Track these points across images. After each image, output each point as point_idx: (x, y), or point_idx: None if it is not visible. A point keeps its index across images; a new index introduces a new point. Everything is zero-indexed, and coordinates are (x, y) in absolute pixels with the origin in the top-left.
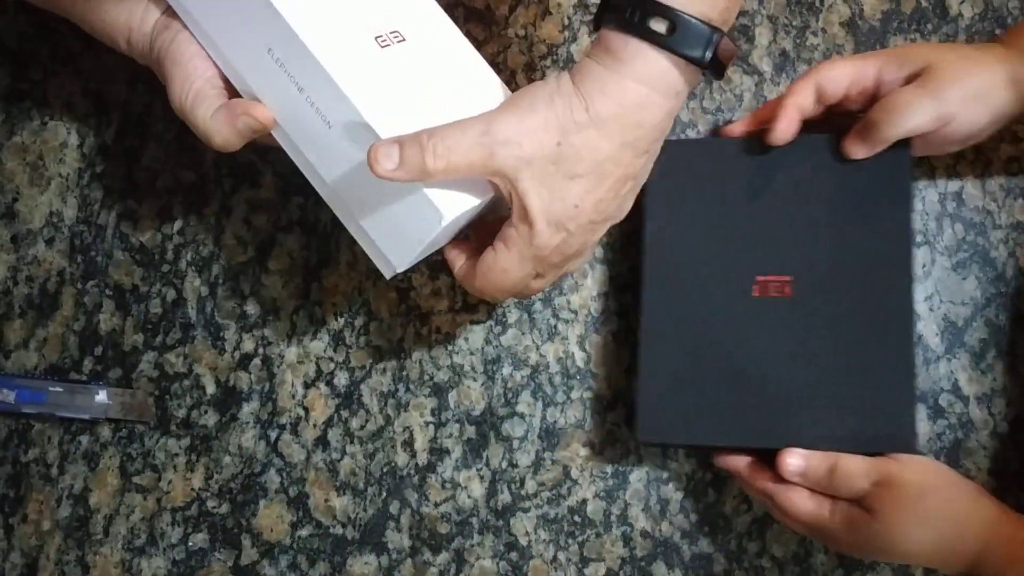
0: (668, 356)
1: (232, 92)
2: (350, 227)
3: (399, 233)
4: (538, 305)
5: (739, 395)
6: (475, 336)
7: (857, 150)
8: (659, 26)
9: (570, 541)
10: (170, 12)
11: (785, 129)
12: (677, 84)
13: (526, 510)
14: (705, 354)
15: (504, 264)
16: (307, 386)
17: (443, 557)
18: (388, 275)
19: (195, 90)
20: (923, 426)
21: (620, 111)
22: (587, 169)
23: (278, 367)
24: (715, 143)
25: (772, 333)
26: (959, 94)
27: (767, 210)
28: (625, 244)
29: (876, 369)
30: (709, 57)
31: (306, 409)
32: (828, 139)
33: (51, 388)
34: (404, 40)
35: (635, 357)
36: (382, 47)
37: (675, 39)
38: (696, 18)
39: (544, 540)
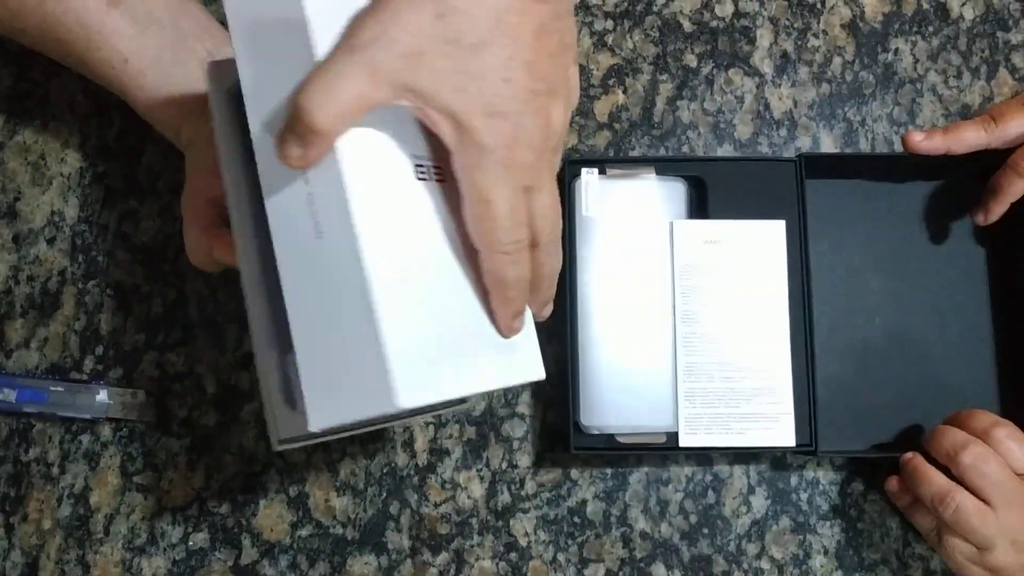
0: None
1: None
2: (261, 358)
3: (337, 387)
4: None
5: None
6: None
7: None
8: None
9: (570, 542)
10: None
11: (998, 214)
12: None
13: (526, 511)
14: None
15: (477, 193)
16: None
17: (443, 557)
18: (278, 439)
19: (195, 207)
20: None
21: None
22: (488, 31)
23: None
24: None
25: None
26: None
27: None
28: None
29: None
30: None
31: None
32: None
33: (52, 388)
34: (443, 180)
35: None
36: (418, 178)
37: None
38: None
39: (544, 541)
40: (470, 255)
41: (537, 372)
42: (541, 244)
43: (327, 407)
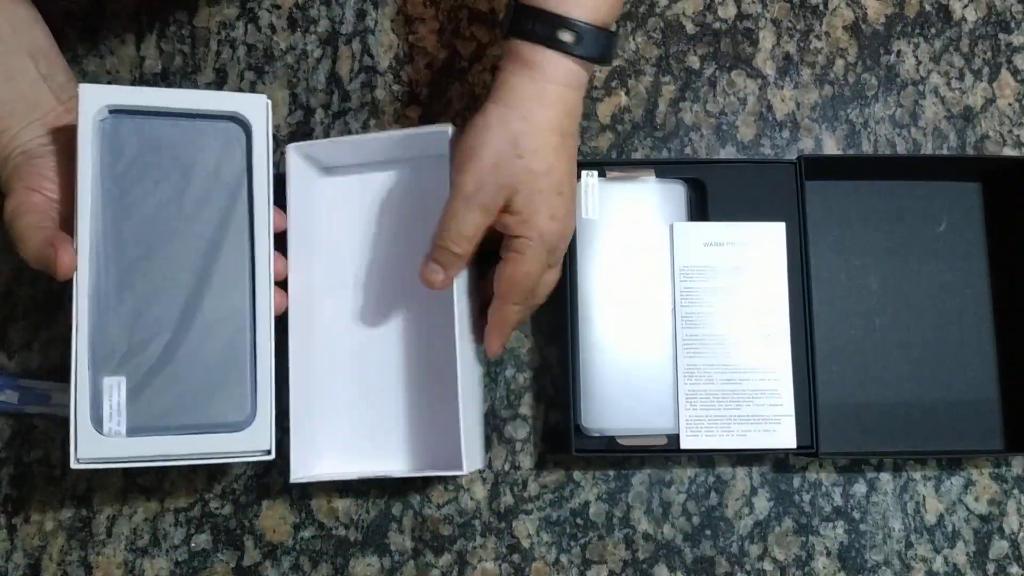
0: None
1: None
2: (80, 376)
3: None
4: (541, 307)
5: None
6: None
7: None
8: (566, 36)
9: (572, 543)
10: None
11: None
12: (583, 78)
13: (528, 512)
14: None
15: (524, 269)
16: None
17: (445, 559)
18: (77, 457)
19: (33, 204)
20: None
21: (549, 111)
22: (550, 161)
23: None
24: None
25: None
26: None
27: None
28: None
29: None
30: (606, 54)
31: None
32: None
33: (56, 390)
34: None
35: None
36: None
37: (582, 47)
38: (597, 27)
39: (546, 542)
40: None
41: (264, 450)
42: (531, 303)
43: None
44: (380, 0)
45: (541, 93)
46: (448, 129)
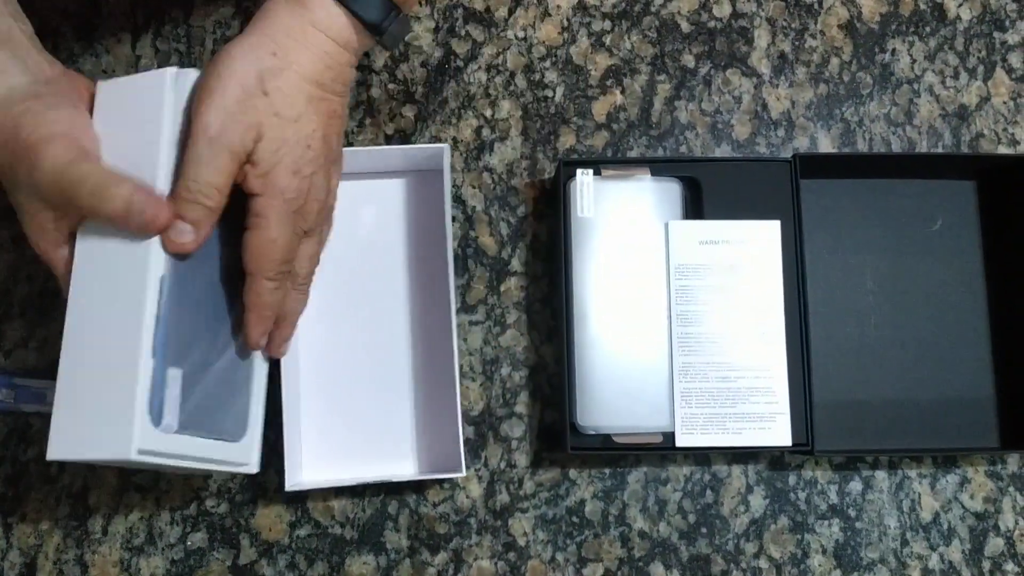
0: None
1: None
2: (66, 373)
3: (83, 423)
4: (536, 306)
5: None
6: (474, 336)
7: None
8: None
9: (568, 541)
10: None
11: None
12: (353, 42)
13: (524, 510)
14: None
15: (269, 235)
16: None
17: (441, 557)
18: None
19: (85, 146)
20: None
21: (306, 54)
22: (301, 108)
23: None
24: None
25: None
26: None
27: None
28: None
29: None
30: (384, 26)
31: None
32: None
33: (52, 389)
34: None
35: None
36: None
37: (359, 5)
38: None
39: (542, 540)
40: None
41: (251, 464)
42: (296, 283)
43: (69, 440)
44: None
45: (303, 32)
46: (445, 148)
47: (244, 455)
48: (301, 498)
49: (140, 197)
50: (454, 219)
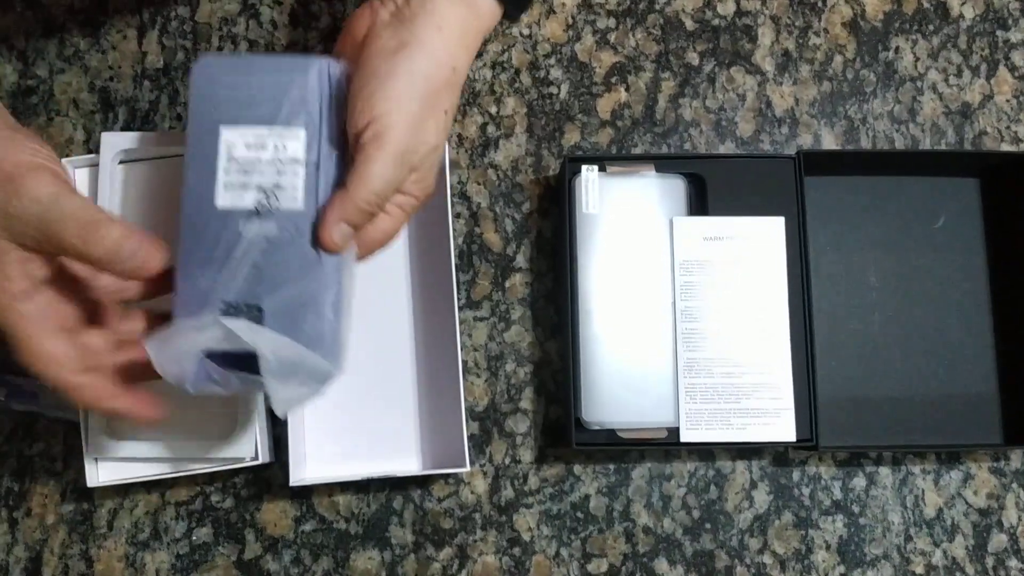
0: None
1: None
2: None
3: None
4: (541, 302)
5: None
6: (479, 332)
7: None
8: None
9: (572, 537)
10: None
11: None
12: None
13: (529, 506)
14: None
15: (380, 169)
16: None
17: (446, 552)
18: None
19: (68, 189)
20: None
21: (470, 56)
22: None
23: None
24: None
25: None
26: None
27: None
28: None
29: None
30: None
31: None
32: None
33: (45, 387)
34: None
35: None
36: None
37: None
38: None
39: (547, 536)
40: None
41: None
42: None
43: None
44: None
45: (475, 39)
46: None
47: (239, 450)
48: (306, 493)
49: (132, 241)
50: (459, 216)
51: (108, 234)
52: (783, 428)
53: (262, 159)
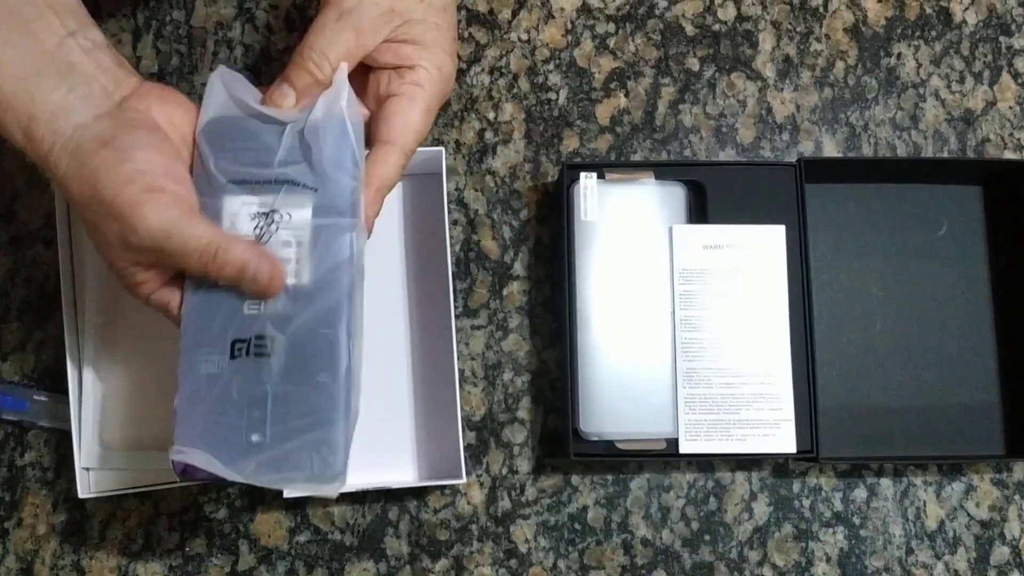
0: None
1: None
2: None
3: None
4: (539, 310)
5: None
6: (476, 341)
7: None
8: None
9: (570, 548)
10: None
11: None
12: None
13: (526, 517)
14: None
15: (425, 104)
16: None
17: (442, 564)
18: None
19: (177, 191)
20: None
21: None
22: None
23: None
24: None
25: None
26: None
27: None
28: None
29: None
30: None
31: None
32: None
33: (35, 397)
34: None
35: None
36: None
37: None
38: None
39: (544, 547)
40: None
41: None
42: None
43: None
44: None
45: None
46: (441, 151)
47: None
48: (300, 503)
49: (256, 263)
50: (456, 223)
51: (231, 260)
52: (783, 439)
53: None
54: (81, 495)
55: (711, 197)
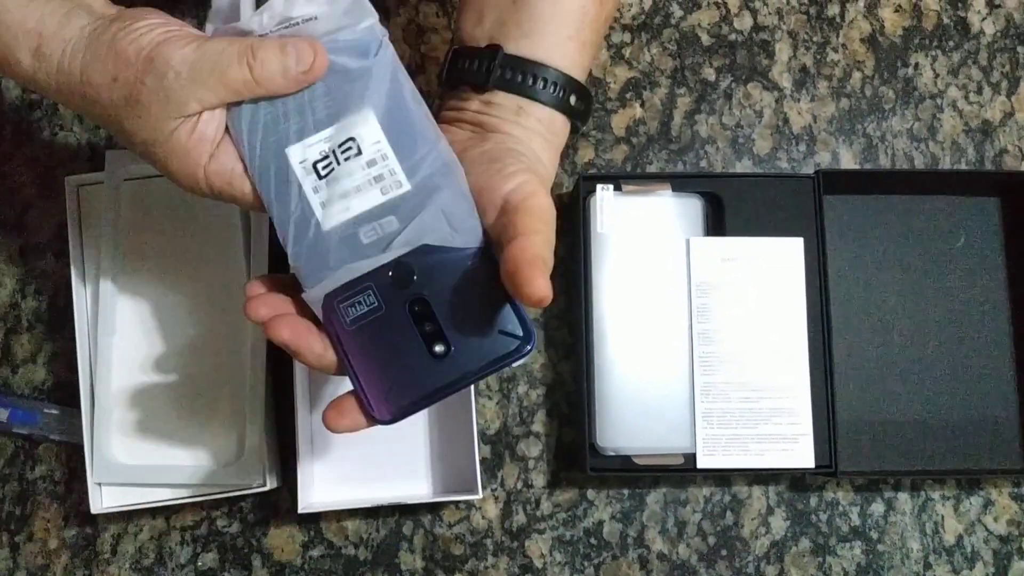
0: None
1: None
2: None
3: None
4: (554, 323)
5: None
6: None
7: None
8: (579, 104)
9: (586, 563)
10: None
11: None
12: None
13: (541, 531)
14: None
15: (549, 238)
16: None
17: None
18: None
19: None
20: None
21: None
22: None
23: (289, 386)
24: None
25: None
26: None
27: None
28: None
29: None
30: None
31: None
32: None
33: (46, 410)
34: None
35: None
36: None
37: (584, 112)
38: (588, 90)
39: (559, 562)
40: None
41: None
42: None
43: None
44: (392, 10)
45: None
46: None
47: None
48: (314, 518)
49: (292, 41)
50: None
51: (268, 46)
52: (802, 454)
53: (341, 162)
54: (94, 510)
55: (728, 209)
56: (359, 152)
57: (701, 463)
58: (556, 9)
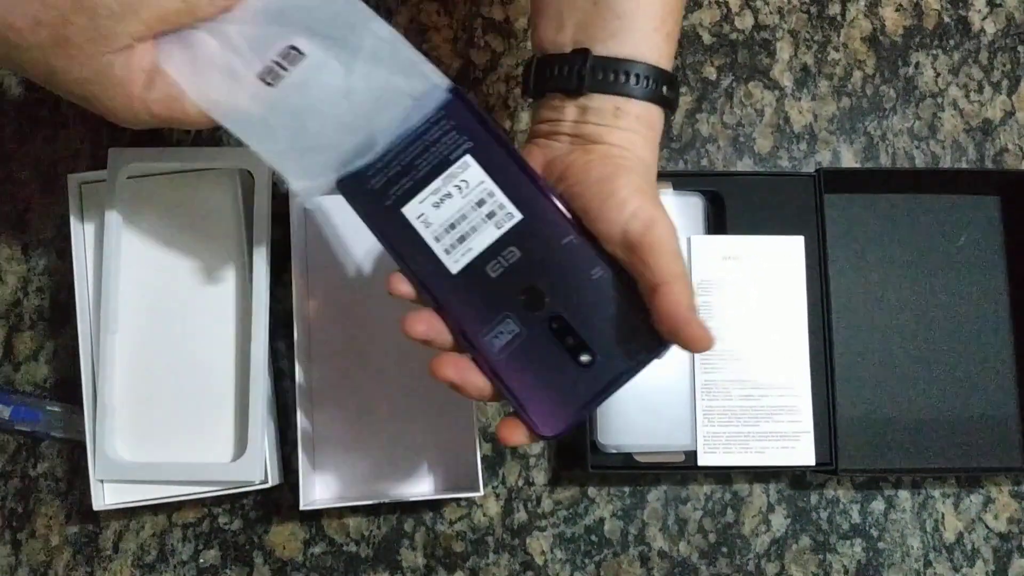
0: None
1: None
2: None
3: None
4: None
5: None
6: None
7: None
8: (670, 92)
9: (587, 561)
10: None
11: None
12: None
13: (542, 529)
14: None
15: (687, 277)
16: None
17: None
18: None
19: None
20: None
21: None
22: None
23: (290, 383)
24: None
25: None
26: None
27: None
28: None
29: None
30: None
31: None
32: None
33: (48, 407)
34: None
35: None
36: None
37: (675, 100)
38: (675, 76)
39: (560, 559)
40: None
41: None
42: None
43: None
44: (394, 9)
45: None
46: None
47: (249, 472)
48: (316, 515)
49: None
50: None
51: None
52: (803, 452)
53: (456, 206)
54: (96, 507)
55: (729, 207)
56: None
57: (702, 461)
58: (638, 4)
